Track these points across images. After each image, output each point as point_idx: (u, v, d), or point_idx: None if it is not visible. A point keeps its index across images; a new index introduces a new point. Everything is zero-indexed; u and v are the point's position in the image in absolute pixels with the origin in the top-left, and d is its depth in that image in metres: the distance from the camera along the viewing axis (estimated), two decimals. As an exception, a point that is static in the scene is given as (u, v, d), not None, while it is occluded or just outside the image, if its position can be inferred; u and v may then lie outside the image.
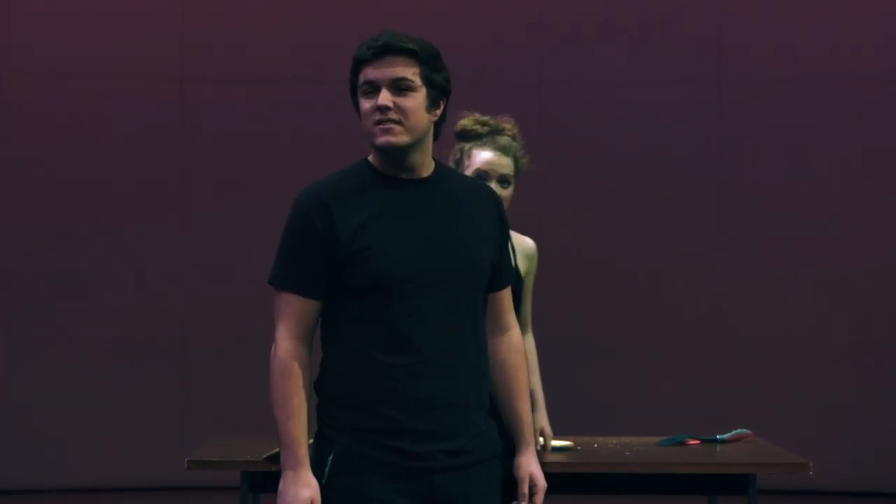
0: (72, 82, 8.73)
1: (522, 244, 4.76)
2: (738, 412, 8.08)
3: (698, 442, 5.53)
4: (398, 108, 3.35)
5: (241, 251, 8.56)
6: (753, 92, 8.82)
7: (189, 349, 8.76)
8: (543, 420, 4.87)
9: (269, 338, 3.45)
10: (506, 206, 4.43)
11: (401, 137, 3.36)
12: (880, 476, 8.66)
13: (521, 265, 4.69)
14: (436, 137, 3.47)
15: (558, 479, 4.98)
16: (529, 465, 3.58)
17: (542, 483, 3.58)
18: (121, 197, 8.74)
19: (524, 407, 3.59)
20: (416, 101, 3.37)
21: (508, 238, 3.60)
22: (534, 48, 8.89)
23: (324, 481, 3.34)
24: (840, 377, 8.69)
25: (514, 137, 4.67)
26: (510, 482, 3.60)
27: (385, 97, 3.35)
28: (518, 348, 3.61)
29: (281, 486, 3.34)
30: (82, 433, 8.62)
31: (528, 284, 4.75)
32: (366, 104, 3.38)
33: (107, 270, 8.70)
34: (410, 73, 3.37)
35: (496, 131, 4.64)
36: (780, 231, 8.78)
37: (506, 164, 4.58)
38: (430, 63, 3.40)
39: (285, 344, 3.36)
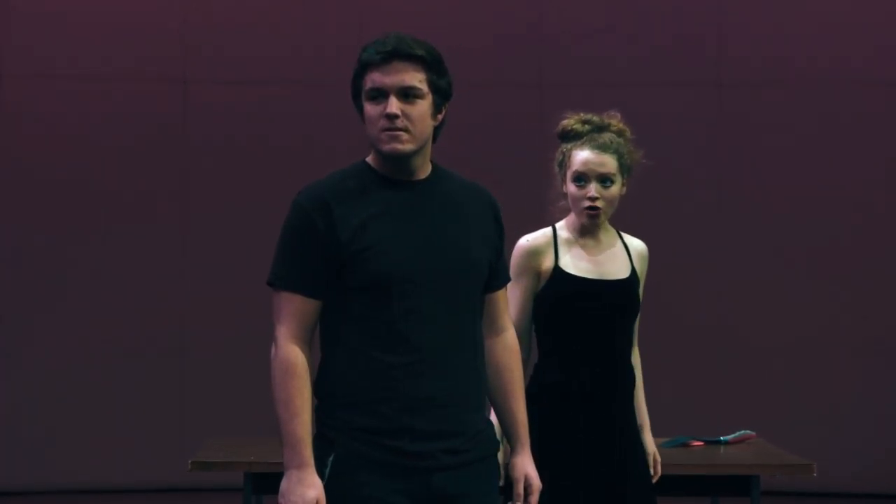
0: (73, 83, 8.73)
1: (635, 246, 4.50)
2: (742, 414, 8.07)
3: (701, 443, 5.53)
4: (406, 116, 3.35)
5: (242, 252, 8.56)
6: (753, 93, 8.82)
7: (189, 350, 8.75)
8: (653, 444, 4.57)
9: (270, 338, 3.44)
10: (612, 205, 4.33)
11: (407, 145, 3.36)
12: (883, 477, 8.65)
13: (638, 269, 4.47)
14: (434, 140, 3.46)
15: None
16: (525, 466, 3.58)
17: (537, 483, 3.58)
18: (122, 198, 8.73)
19: (520, 407, 3.59)
20: (423, 108, 3.38)
21: (504, 239, 3.59)
22: (535, 49, 8.88)
23: (324, 481, 3.33)
24: (843, 378, 8.68)
25: (619, 133, 4.41)
26: (505, 483, 3.62)
27: (394, 105, 3.34)
28: (514, 349, 3.61)
29: (284, 485, 3.33)
30: (83, 434, 8.61)
31: (641, 291, 4.52)
32: (372, 109, 3.37)
33: (107, 271, 8.70)
34: (418, 80, 3.36)
35: (599, 129, 4.40)
36: (780, 232, 8.77)
37: (605, 163, 4.32)
38: (435, 69, 3.40)
39: (287, 344, 3.35)
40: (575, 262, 4.31)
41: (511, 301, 4.20)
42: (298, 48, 8.84)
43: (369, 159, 3.46)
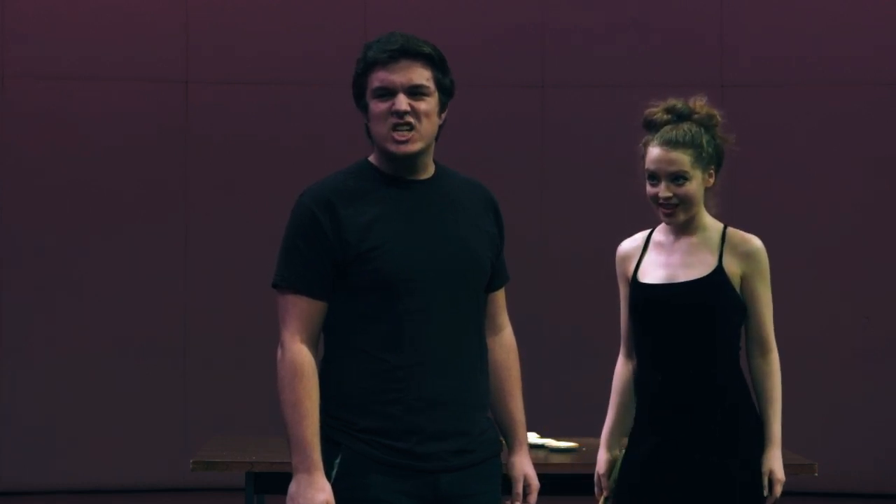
0: (73, 83, 8.73)
1: (735, 241, 4.09)
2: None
3: (702, 443, 5.50)
4: (414, 113, 3.35)
5: (244, 252, 8.56)
6: (756, 94, 8.82)
7: (191, 349, 8.75)
8: (775, 461, 4.12)
9: (272, 338, 3.43)
10: (692, 201, 4.03)
11: (416, 145, 3.37)
12: (886, 477, 8.65)
13: (733, 266, 4.05)
14: (436, 139, 3.47)
15: (559, 480, 4.98)
16: (523, 465, 3.59)
17: (535, 483, 3.59)
18: (123, 198, 8.73)
19: (517, 406, 3.60)
20: (431, 105, 3.38)
21: (504, 237, 3.59)
22: (536, 50, 8.89)
23: (331, 483, 3.32)
24: (845, 378, 8.68)
25: (701, 122, 4.07)
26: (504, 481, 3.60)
27: (403, 101, 3.34)
28: (511, 348, 3.61)
29: (293, 488, 3.31)
30: (84, 433, 8.60)
31: (753, 291, 4.07)
32: (380, 106, 3.37)
33: (109, 271, 8.70)
34: (425, 78, 3.37)
35: (680, 117, 4.05)
36: (781, 232, 8.76)
37: (676, 161, 3.98)
38: (441, 67, 3.41)
39: (294, 346, 3.33)
40: (653, 268, 4.07)
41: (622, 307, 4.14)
42: (300, 48, 8.83)
43: (372, 158, 3.46)
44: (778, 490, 4.05)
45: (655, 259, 4.09)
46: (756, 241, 4.11)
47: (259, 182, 8.72)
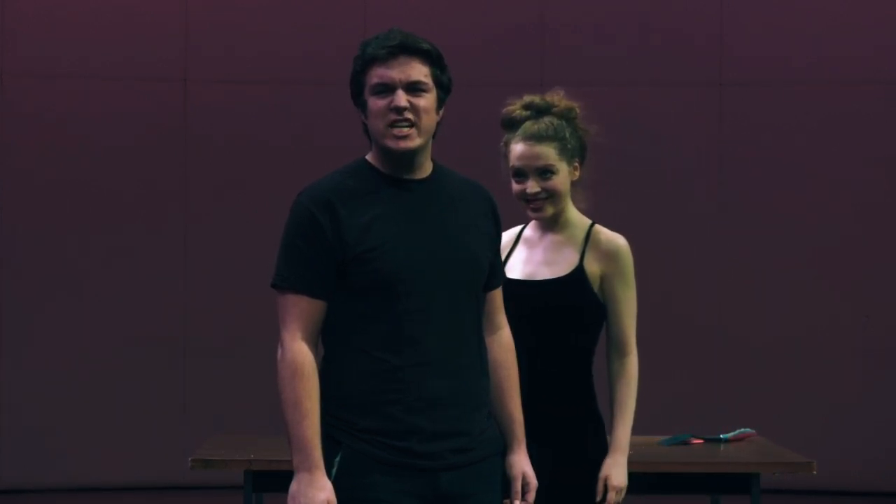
0: (73, 83, 8.73)
1: (600, 240, 4.00)
2: (742, 411, 8.08)
3: (701, 441, 5.54)
4: (413, 109, 3.36)
5: (243, 252, 8.56)
6: (754, 94, 8.82)
7: (190, 349, 8.76)
8: (615, 467, 3.92)
9: (272, 338, 3.43)
10: (560, 195, 3.96)
11: (415, 141, 3.37)
12: (885, 476, 8.65)
13: (593, 266, 3.97)
14: (433, 137, 3.47)
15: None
16: (522, 464, 3.59)
17: (534, 482, 3.59)
18: (123, 197, 8.74)
19: (516, 405, 3.60)
20: (429, 101, 3.39)
21: (500, 236, 3.60)
22: (536, 50, 8.89)
23: (332, 481, 3.32)
24: (844, 376, 8.68)
25: (561, 115, 4.00)
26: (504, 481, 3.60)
27: (402, 98, 3.35)
28: (509, 347, 3.61)
29: (293, 487, 3.31)
30: (83, 432, 8.61)
31: (613, 292, 3.98)
32: (378, 103, 3.37)
33: (108, 270, 8.70)
34: (424, 74, 3.38)
35: (540, 112, 4.01)
36: (780, 231, 8.77)
37: (541, 155, 3.94)
38: (438, 64, 3.42)
39: (294, 346, 3.33)
40: (517, 264, 4.00)
41: None
42: (300, 48, 8.84)
43: (370, 157, 3.45)
44: (612, 497, 3.87)
45: (520, 255, 4.02)
46: (620, 241, 4.01)
47: (259, 182, 8.73)
